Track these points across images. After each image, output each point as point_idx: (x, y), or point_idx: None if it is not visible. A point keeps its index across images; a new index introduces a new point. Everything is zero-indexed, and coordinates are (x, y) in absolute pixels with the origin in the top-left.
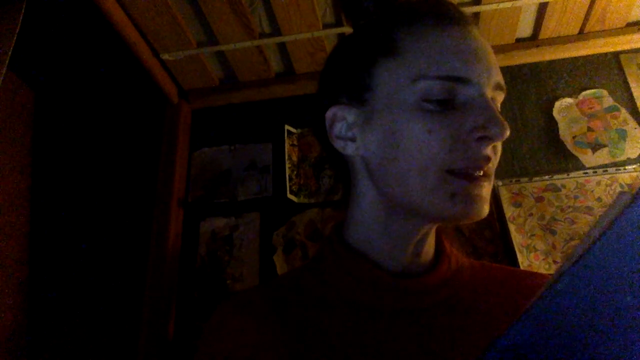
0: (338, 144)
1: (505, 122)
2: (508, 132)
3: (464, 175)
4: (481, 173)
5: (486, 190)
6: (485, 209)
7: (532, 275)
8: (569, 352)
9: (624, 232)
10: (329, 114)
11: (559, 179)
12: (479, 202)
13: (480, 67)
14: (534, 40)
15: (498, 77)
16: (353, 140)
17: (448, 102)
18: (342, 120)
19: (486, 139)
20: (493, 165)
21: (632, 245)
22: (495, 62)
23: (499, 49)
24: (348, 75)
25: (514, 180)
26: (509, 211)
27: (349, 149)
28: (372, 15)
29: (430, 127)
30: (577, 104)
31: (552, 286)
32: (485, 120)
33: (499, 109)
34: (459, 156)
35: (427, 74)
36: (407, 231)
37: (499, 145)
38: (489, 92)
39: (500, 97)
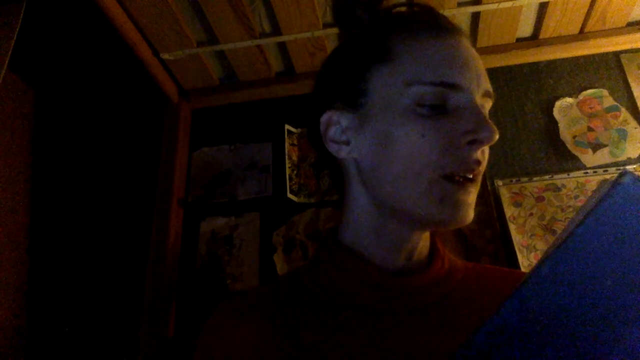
0: (332, 148)
1: (494, 127)
2: (497, 136)
3: (454, 179)
4: (471, 176)
5: (472, 196)
6: (471, 215)
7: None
8: (553, 335)
9: (603, 218)
10: (323, 118)
11: (559, 179)
12: (465, 207)
13: (471, 75)
14: (534, 40)
15: (487, 85)
16: (347, 143)
17: (440, 108)
18: (336, 124)
19: (476, 143)
20: (482, 169)
21: (611, 231)
22: (484, 70)
23: (499, 49)
24: (343, 81)
25: (514, 180)
26: (509, 211)
27: (343, 152)
28: (365, 25)
29: (424, 131)
30: (577, 104)
31: (535, 272)
32: (476, 125)
33: (487, 115)
34: (451, 160)
35: (421, 79)
36: (400, 235)
37: (486, 150)
38: (479, 99)
39: (488, 104)
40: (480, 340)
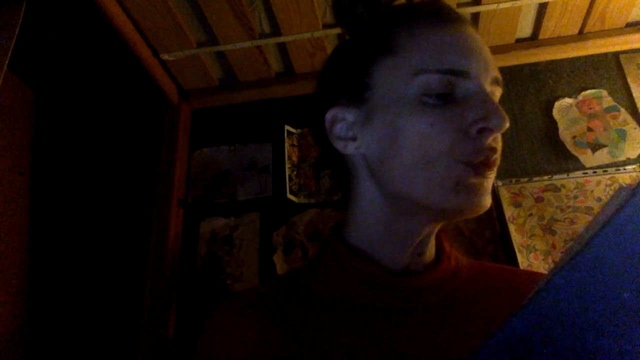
0: (339, 145)
1: (505, 114)
2: (508, 124)
3: (470, 165)
4: (489, 163)
5: (489, 182)
6: (488, 201)
7: (531, 274)
8: (565, 346)
9: (622, 228)
10: (328, 115)
11: (558, 179)
12: (481, 193)
13: (478, 62)
14: (534, 40)
15: (495, 72)
16: (354, 139)
17: (448, 96)
18: (342, 120)
19: (487, 131)
20: (498, 155)
21: (629, 242)
22: (492, 58)
23: (499, 49)
24: (346, 77)
25: (513, 180)
26: (509, 211)
27: (350, 148)
28: (366, 21)
29: (432, 120)
30: (576, 104)
31: (549, 281)
32: (486, 112)
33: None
34: (464, 149)
35: (427, 68)
36: (410, 231)
37: (499, 137)
38: (488, 86)
39: (498, 92)
40: (488, 351)
